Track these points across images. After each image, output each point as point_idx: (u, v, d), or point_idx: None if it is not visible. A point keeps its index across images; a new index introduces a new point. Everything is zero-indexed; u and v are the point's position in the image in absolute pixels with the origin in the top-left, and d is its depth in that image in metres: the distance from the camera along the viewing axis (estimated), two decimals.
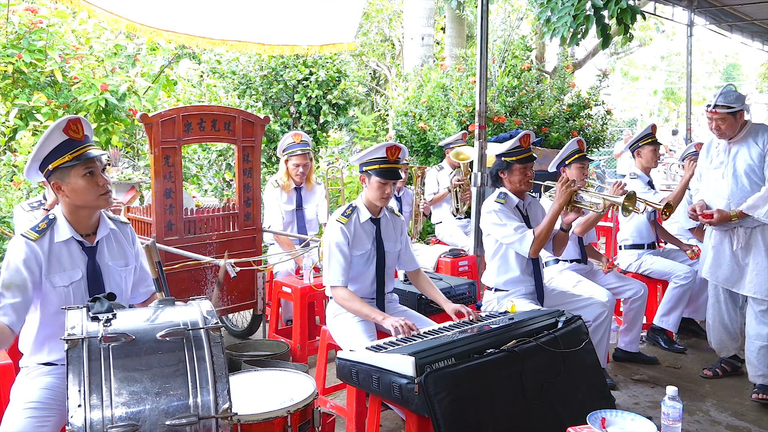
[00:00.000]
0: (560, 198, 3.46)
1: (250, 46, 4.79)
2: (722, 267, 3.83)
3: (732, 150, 3.77)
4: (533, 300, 3.60)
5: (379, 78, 17.59)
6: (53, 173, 2.28)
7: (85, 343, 1.78)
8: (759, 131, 3.72)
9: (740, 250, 3.74)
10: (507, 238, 3.52)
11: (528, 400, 2.54)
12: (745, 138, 3.73)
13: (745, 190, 3.67)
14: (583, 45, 13.38)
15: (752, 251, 3.71)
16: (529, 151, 3.62)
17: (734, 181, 3.71)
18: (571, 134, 7.82)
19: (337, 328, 3.28)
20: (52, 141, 2.26)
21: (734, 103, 3.69)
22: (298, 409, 2.35)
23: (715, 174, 3.84)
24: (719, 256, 3.85)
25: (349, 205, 3.32)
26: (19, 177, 5.06)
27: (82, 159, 2.27)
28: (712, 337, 4.03)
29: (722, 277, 3.84)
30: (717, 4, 8.47)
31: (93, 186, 2.30)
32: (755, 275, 3.68)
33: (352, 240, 3.23)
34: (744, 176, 3.69)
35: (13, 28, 5.67)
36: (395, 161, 3.21)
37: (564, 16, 5.03)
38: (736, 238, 3.75)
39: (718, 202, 3.77)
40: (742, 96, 3.73)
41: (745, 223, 3.68)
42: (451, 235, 5.65)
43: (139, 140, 7.08)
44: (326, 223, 4.38)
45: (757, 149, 3.67)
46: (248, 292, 4.36)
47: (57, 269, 2.29)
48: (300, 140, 4.74)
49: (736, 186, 3.70)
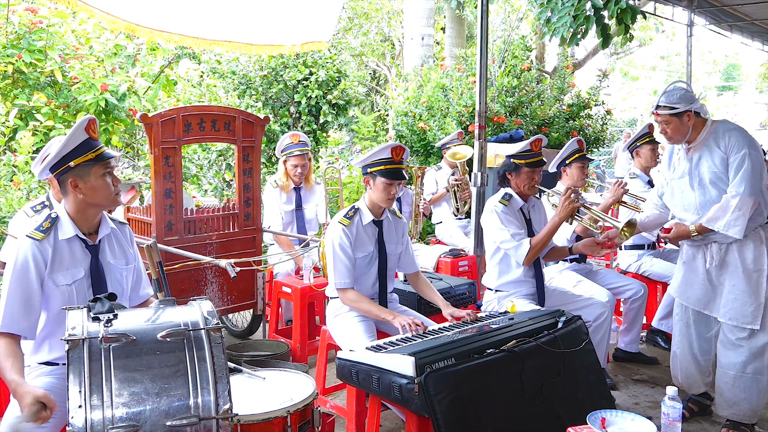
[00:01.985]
0: (561, 212, 3.47)
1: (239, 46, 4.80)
2: (693, 286, 3.34)
3: (694, 157, 3.27)
4: (533, 300, 3.60)
5: (379, 78, 17.59)
6: (72, 170, 2.30)
7: (85, 344, 1.78)
8: (720, 132, 3.20)
9: (714, 268, 3.25)
10: (504, 243, 3.53)
11: (528, 400, 2.54)
12: (706, 141, 3.22)
13: (711, 200, 3.19)
14: (583, 45, 13.38)
15: (728, 270, 3.22)
16: (539, 156, 3.62)
17: (701, 191, 3.23)
18: (571, 134, 7.82)
19: (337, 328, 3.28)
20: (76, 139, 2.29)
21: (678, 103, 3.21)
22: (297, 409, 2.35)
23: (680, 185, 3.35)
24: (690, 274, 3.36)
25: (352, 206, 3.32)
26: (19, 177, 5.06)
27: (103, 158, 2.32)
28: (678, 371, 3.46)
29: (693, 297, 3.35)
30: (717, 4, 8.47)
31: (109, 186, 2.35)
32: (732, 299, 3.19)
33: (354, 242, 3.23)
34: (711, 186, 3.19)
35: (13, 28, 5.67)
36: (400, 161, 3.21)
37: (564, 16, 5.04)
38: (710, 255, 3.26)
39: (687, 216, 3.30)
40: (689, 95, 3.24)
41: (718, 238, 3.20)
42: (451, 236, 5.65)
43: (139, 140, 7.07)
44: (326, 223, 4.39)
45: (719, 154, 3.17)
46: (248, 292, 4.36)
47: (60, 267, 2.30)
48: (298, 140, 4.74)
49: (704, 197, 3.22)
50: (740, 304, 3.17)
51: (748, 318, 3.16)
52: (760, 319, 3.15)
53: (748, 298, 3.16)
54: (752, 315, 3.15)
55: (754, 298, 3.15)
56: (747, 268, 3.17)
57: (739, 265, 3.18)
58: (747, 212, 3.06)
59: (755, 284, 3.16)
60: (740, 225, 3.07)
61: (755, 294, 3.16)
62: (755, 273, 3.17)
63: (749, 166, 3.08)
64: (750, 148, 3.11)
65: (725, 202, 3.11)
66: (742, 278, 3.17)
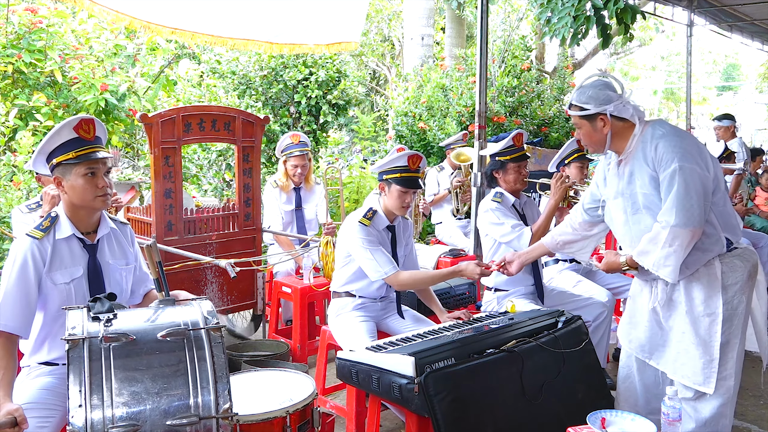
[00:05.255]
0: (555, 194, 3.48)
1: (258, 44, 4.77)
2: (637, 328, 2.67)
3: (625, 172, 2.56)
4: (533, 300, 3.60)
5: (379, 78, 17.59)
6: (57, 168, 2.31)
7: (85, 343, 1.78)
8: (648, 139, 2.48)
9: (661, 308, 2.57)
10: (505, 237, 3.53)
11: (528, 400, 2.54)
12: (635, 153, 2.51)
13: (648, 230, 2.48)
14: (583, 45, 13.37)
15: (676, 313, 2.53)
16: (522, 150, 3.64)
17: (636, 218, 2.55)
18: (571, 134, 7.82)
19: (339, 327, 3.28)
20: (61, 136, 2.29)
21: (587, 102, 2.54)
22: (297, 409, 2.35)
23: (614, 207, 2.65)
24: (636, 312, 2.70)
25: (369, 208, 3.30)
26: (19, 177, 5.06)
27: (85, 159, 2.30)
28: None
29: (636, 342, 2.67)
30: (717, 4, 8.47)
31: (92, 187, 2.31)
32: (683, 350, 2.50)
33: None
34: (644, 210, 2.50)
35: (13, 28, 5.67)
36: (416, 170, 3.21)
37: (564, 16, 5.04)
38: (655, 291, 2.58)
39: (624, 248, 2.67)
40: (603, 93, 2.54)
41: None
42: (450, 236, 5.65)
43: (139, 140, 7.08)
44: (326, 223, 4.40)
45: (647, 170, 2.46)
46: (248, 292, 4.36)
47: (58, 266, 2.31)
48: (298, 141, 4.74)
49: (638, 226, 2.53)
50: (689, 358, 2.47)
51: (697, 377, 2.46)
52: (713, 380, 2.44)
53: (696, 349, 2.47)
54: (702, 373, 2.46)
55: (703, 350, 2.46)
56: (695, 311, 2.48)
57: (686, 307, 2.49)
58: (682, 249, 2.37)
59: (705, 333, 2.46)
60: (671, 265, 2.38)
61: (705, 345, 2.46)
62: (705, 317, 2.46)
63: (681, 187, 2.35)
64: (681, 160, 2.36)
65: (654, 232, 2.42)
66: (690, 324, 2.48)
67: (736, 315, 2.48)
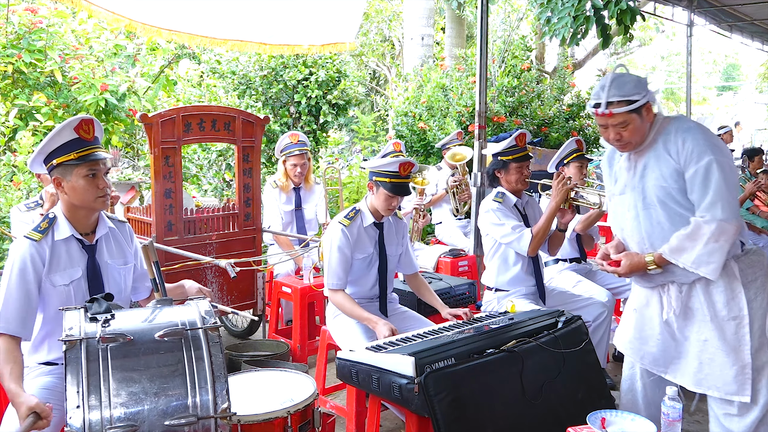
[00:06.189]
0: (557, 196, 3.47)
1: (253, 45, 4.78)
2: (649, 342, 2.52)
3: (638, 165, 2.45)
4: (534, 300, 3.60)
5: (379, 78, 17.60)
6: (56, 168, 2.30)
7: (83, 344, 1.78)
8: (671, 133, 2.37)
9: (675, 318, 2.42)
10: (505, 237, 3.53)
11: (528, 400, 2.54)
12: (653, 144, 2.40)
13: (662, 225, 2.39)
14: (583, 45, 13.37)
15: (694, 321, 2.39)
16: (524, 150, 3.63)
17: (647, 213, 2.42)
18: (571, 134, 7.82)
19: (337, 328, 3.28)
20: (62, 137, 2.28)
21: (634, 93, 2.35)
22: (298, 409, 2.35)
23: (621, 203, 2.53)
24: (644, 325, 2.54)
25: (353, 208, 3.32)
26: (19, 177, 5.06)
27: (87, 160, 2.29)
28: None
29: (649, 357, 2.53)
30: (717, 4, 8.47)
31: (93, 187, 2.31)
32: (706, 360, 2.35)
33: (354, 243, 3.23)
34: (659, 205, 2.38)
35: (13, 28, 5.67)
36: (406, 176, 3.22)
37: (564, 16, 5.04)
38: (668, 300, 2.43)
39: (632, 246, 2.52)
40: (642, 81, 2.39)
41: (677, 277, 2.39)
42: (450, 236, 5.65)
43: (139, 140, 7.08)
44: (326, 223, 4.39)
45: (669, 163, 2.35)
46: (248, 292, 4.36)
47: (57, 268, 2.30)
48: (297, 140, 4.74)
49: (650, 221, 2.41)
50: (717, 368, 2.32)
51: (729, 386, 2.32)
52: (748, 386, 2.30)
53: (726, 357, 2.32)
54: (735, 381, 2.31)
55: (734, 357, 2.31)
56: (718, 316, 2.35)
57: (707, 313, 2.36)
58: (728, 244, 2.27)
59: (733, 338, 2.32)
60: (716, 261, 2.27)
61: (735, 351, 2.31)
62: (731, 322, 2.34)
63: (720, 179, 2.26)
64: (716, 154, 2.28)
65: (695, 227, 2.28)
66: (714, 331, 2.34)
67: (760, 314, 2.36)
